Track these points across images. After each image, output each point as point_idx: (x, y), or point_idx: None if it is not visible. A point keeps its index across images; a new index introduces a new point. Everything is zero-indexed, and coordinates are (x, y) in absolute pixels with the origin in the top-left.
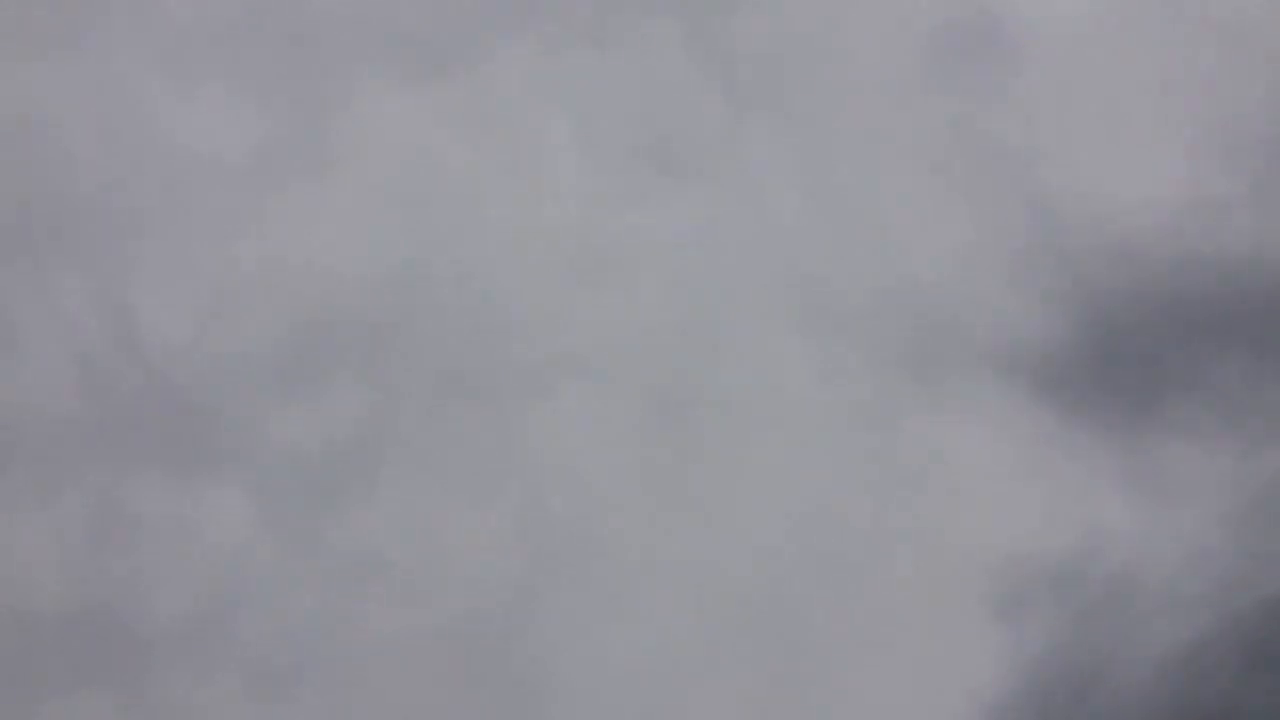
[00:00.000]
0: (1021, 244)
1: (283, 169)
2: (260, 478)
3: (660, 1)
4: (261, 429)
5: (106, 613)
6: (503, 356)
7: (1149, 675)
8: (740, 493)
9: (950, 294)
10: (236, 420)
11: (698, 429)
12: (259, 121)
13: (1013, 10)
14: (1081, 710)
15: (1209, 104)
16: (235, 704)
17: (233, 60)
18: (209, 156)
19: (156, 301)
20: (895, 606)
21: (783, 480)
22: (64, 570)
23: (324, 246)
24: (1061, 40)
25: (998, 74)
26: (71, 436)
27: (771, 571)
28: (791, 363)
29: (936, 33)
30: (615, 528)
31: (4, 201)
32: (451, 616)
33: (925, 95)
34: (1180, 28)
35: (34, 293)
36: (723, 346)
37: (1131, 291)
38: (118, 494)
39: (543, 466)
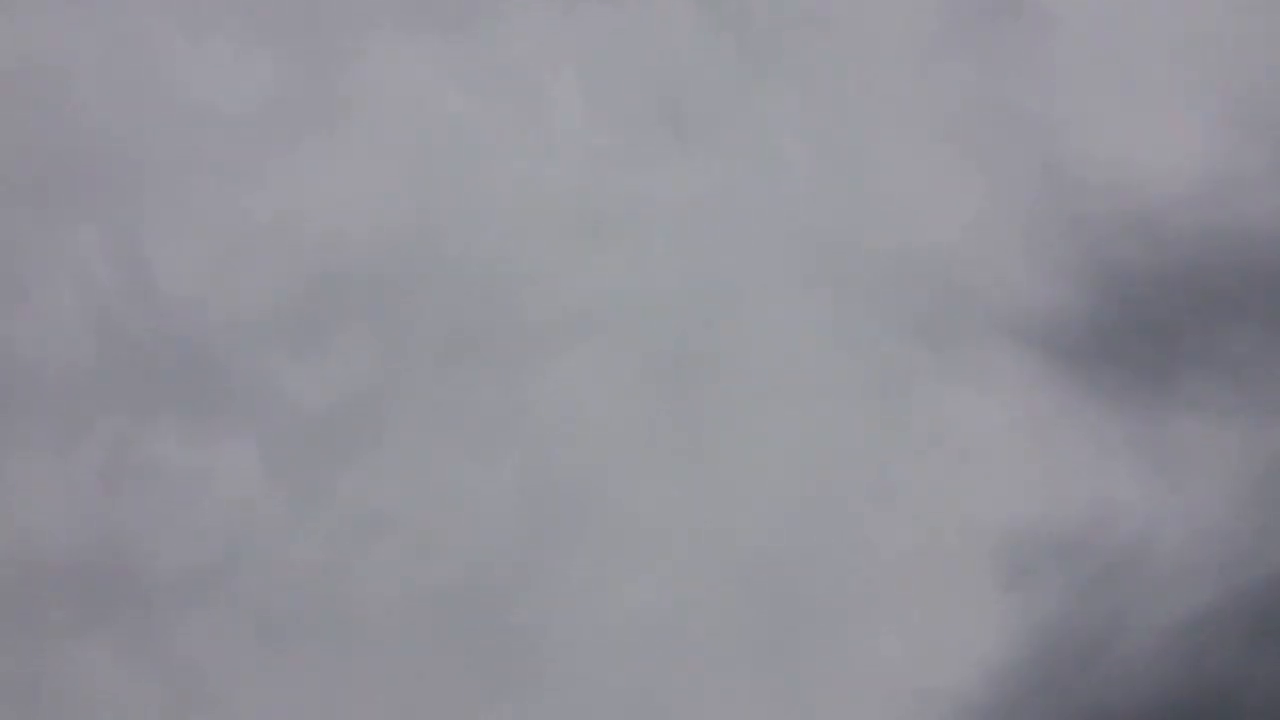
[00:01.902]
0: (1038, 212)
1: (293, 123)
2: (267, 431)
3: None
4: (269, 382)
5: (113, 560)
6: (511, 315)
7: (1154, 647)
8: (747, 457)
9: (964, 261)
10: (245, 373)
11: (705, 392)
12: (270, 74)
13: None
14: (1086, 680)
15: (1232, 75)
16: (238, 655)
17: (245, 12)
18: (220, 108)
19: (167, 252)
20: (902, 574)
21: (790, 445)
22: (73, 517)
23: (333, 201)
24: (1084, 6)
25: (1018, 39)
26: (83, 385)
27: (777, 537)
28: (801, 327)
29: None
30: (620, 489)
31: (17, 151)
32: (455, 573)
33: (943, 59)
34: None
35: (47, 242)
36: (732, 310)
37: (1148, 263)
38: (127, 444)
39: (549, 426)
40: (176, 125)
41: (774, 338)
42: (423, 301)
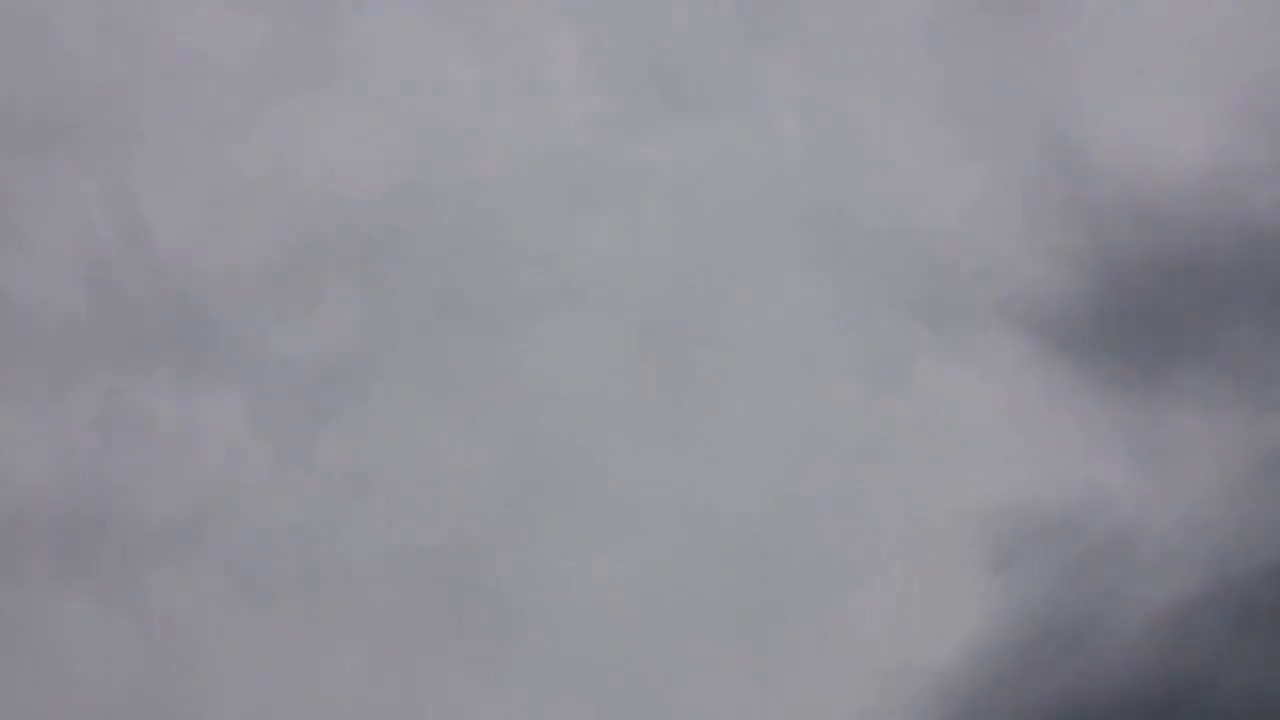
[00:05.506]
0: (1039, 196)
1: (288, 78)
2: (253, 388)
3: None
4: (258, 338)
5: (97, 511)
6: (501, 279)
7: (1139, 633)
8: (736, 429)
9: (964, 243)
10: (234, 328)
11: (696, 363)
12: (266, 29)
13: None
14: (1069, 663)
15: (1240, 66)
16: (217, 609)
17: None
18: (215, 62)
19: (161, 206)
20: (889, 552)
21: (780, 419)
22: (61, 467)
23: (324, 159)
24: None
25: (1024, 20)
26: (75, 336)
27: (764, 511)
28: (796, 302)
29: None
30: (607, 458)
31: (9, 102)
32: (438, 537)
33: (947, 37)
34: None
35: (40, 194)
36: (726, 282)
37: (1150, 253)
38: (117, 395)
39: (536, 392)
40: (171, 79)
41: (767, 311)
42: (413, 263)
